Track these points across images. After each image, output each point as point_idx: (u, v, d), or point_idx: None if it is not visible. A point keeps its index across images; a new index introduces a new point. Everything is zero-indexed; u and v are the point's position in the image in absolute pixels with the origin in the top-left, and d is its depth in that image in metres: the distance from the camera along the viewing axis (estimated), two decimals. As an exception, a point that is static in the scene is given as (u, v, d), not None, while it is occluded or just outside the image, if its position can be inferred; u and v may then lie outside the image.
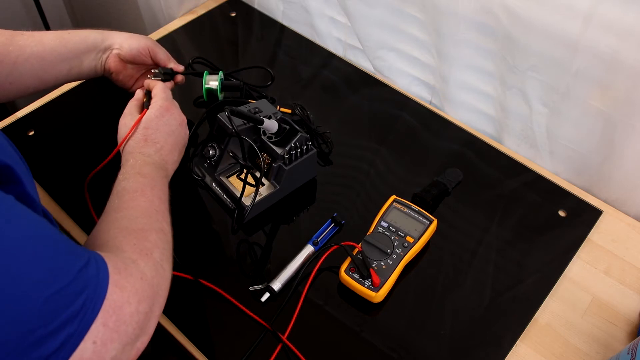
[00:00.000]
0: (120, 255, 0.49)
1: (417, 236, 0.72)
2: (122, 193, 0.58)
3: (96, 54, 0.79)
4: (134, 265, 0.48)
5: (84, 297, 0.40)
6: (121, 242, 0.51)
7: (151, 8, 1.18)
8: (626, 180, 0.79)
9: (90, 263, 0.42)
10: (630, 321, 0.70)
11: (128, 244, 0.51)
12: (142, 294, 0.47)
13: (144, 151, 0.66)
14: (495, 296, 0.71)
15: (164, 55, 0.82)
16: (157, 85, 0.75)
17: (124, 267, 0.47)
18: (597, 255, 0.76)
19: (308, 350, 0.65)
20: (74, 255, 0.42)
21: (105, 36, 0.79)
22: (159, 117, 0.70)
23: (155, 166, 0.64)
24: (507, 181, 0.84)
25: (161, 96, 0.73)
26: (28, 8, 1.46)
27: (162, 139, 0.68)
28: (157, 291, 0.50)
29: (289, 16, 1.09)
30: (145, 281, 0.48)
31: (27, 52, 0.72)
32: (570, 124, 0.80)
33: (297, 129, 0.76)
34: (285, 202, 0.80)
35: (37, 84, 0.75)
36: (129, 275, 0.46)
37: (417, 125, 0.91)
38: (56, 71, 0.76)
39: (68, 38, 0.76)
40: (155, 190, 0.60)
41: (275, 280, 0.70)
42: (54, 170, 0.82)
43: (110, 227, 0.54)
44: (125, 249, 0.50)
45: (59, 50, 0.74)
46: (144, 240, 0.53)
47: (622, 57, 0.68)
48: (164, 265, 0.53)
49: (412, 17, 0.89)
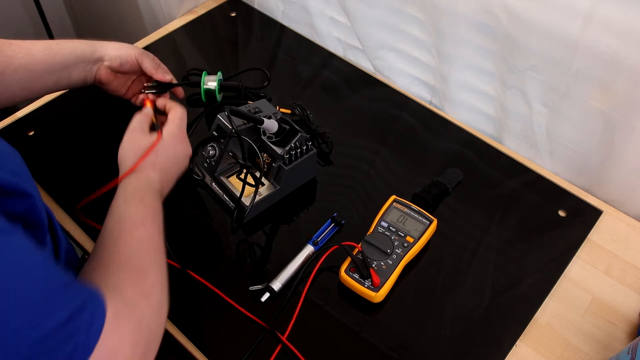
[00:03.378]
0: (121, 298, 0.48)
1: (417, 236, 0.72)
2: (122, 219, 0.56)
3: (85, 66, 0.78)
4: (133, 309, 0.47)
5: (74, 341, 0.40)
6: (120, 280, 0.50)
7: (151, 8, 1.18)
8: (626, 180, 0.79)
9: (86, 307, 0.41)
10: (630, 321, 0.70)
11: (128, 283, 0.50)
12: (139, 338, 0.46)
13: (149, 176, 0.63)
14: (495, 296, 0.71)
15: (149, 64, 0.81)
16: (177, 109, 0.72)
17: (124, 312, 0.46)
18: (597, 255, 0.76)
19: (308, 351, 0.65)
20: (69, 297, 0.41)
21: (95, 48, 0.78)
22: (172, 145, 0.68)
23: (157, 195, 0.63)
24: (507, 181, 0.84)
25: (178, 124, 0.70)
26: (28, 8, 1.46)
27: (168, 167, 0.67)
28: (154, 334, 0.49)
29: (289, 16, 1.09)
30: (143, 325, 0.47)
31: (15, 64, 0.71)
32: (570, 124, 0.80)
33: (297, 129, 0.76)
34: (285, 202, 0.80)
35: (25, 94, 0.75)
36: (127, 321, 0.46)
37: (417, 125, 0.91)
38: (44, 82, 0.75)
39: (56, 49, 0.75)
40: (155, 222, 0.59)
41: (275, 280, 0.70)
42: (54, 170, 0.82)
43: (110, 261, 0.52)
44: (125, 289, 0.49)
45: (47, 62, 0.74)
46: (143, 281, 0.52)
47: (622, 57, 0.68)
48: (161, 308, 0.52)
49: (412, 17, 0.89)
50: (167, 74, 0.82)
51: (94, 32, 1.57)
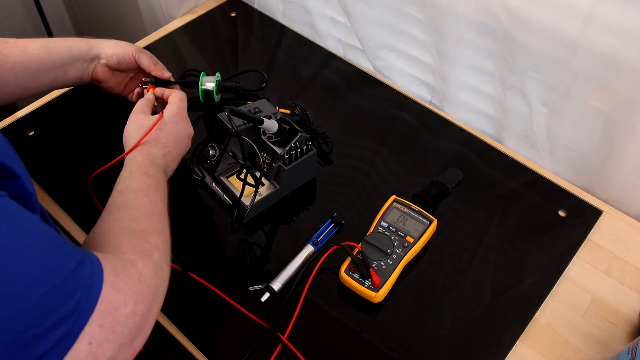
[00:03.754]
0: (119, 257, 0.49)
1: (417, 236, 0.72)
2: (126, 191, 0.59)
3: (82, 64, 0.78)
4: (133, 266, 0.48)
5: (77, 297, 0.40)
6: (121, 243, 0.51)
7: (151, 8, 1.18)
8: (626, 180, 0.79)
9: (84, 263, 0.42)
10: (630, 321, 0.70)
11: (128, 244, 0.51)
12: (140, 295, 0.47)
13: (152, 151, 0.66)
14: (495, 296, 0.71)
15: (147, 61, 0.81)
16: (177, 93, 0.75)
17: (122, 268, 0.47)
18: (597, 255, 0.76)
19: (308, 351, 0.65)
20: (67, 254, 0.42)
21: (92, 46, 0.78)
22: (174, 122, 0.70)
23: (160, 169, 0.65)
24: (507, 181, 0.84)
25: (179, 104, 0.73)
26: (28, 8, 1.46)
27: (171, 144, 0.69)
28: (155, 292, 0.50)
29: (289, 16, 1.09)
30: (143, 282, 0.48)
31: (11, 62, 0.71)
32: (570, 124, 0.80)
33: (297, 129, 0.76)
34: (285, 202, 0.80)
35: (21, 92, 0.75)
36: (126, 276, 0.46)
37: (417, 125, 0.91)
38: (40, 80, 0.75)
39: (52, 48, 0.75)
40: (159, 192, 0.61)
41: (275, 280, 0.70)
42: (54, 170, 0.82)
43: (112, 226, 0.54)
44: (124, 249, 0.50)
45: (43, 59, 0.74)
46: (144, 241, 0.53)
47: (622, 57, 0.68)
48: (162, 267, 0.53)
49: (412, 17, 0.89)
50: (165, 71, 0.82)
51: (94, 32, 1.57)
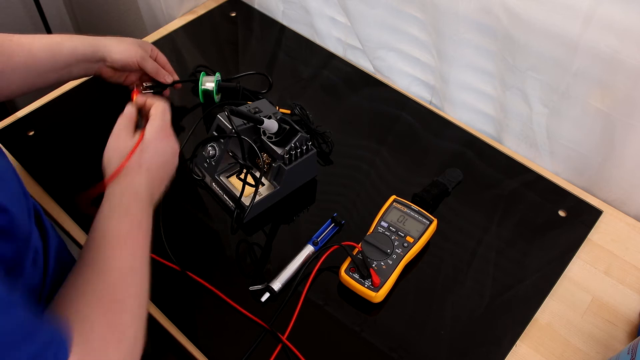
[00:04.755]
0: (90, 340, 0.45)
1: (417, 236, 0.72)
2: (105, 235, 0.53)
3: (86, 65, 0.78)
4: (102, 353, 0.45)
5: None
6: (93, 317, 0.46)
7: (151, 8, 1.18)
8: (626, 180, 0.79)
9: (49, 348, 0.39)
10: (630, 321, 0.70)
11: (101, 323, 0.46)
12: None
13: (135, 181, 0.60)
14: (495, 296, 0.71)
15: (151, 69, 0.81)
16: (158, 104, 0.68)
17: (90, 356, 0.43)
18: (597, 255, 0.76)
19: (308, 351, 0.65)
20: (32, 334, 0.38)
21: (97, 48, 0.78)
22: (158, 140, 0.64)
23: (144, 204, 0.59)
24: (507, 181, 0.84)
25: (161, 117, 0.66)
26: (28, 8, 1.46)
27: (155, 168, 0.63)
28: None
29: (289, 16, 1.09)
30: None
31: (15, 61, 0.71)
32: (570, 124, 0.80)
33: (297, 129, 0.76)
34: (285, 202, 0.80)
35: (24, 89, 0.75)
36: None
37: (417, 125, 0.91)
38: (45, 79, 0.76)
39: (57, 50, 0.75)
40: (140, 236, 0.56)
41: (275, 280, 0.70)
42: (54, 170, 0.82)
43: (86, 292, 0.48)
44: (96, 329, 0.46)
45: (47, 62, 0.74)
46: (118, 318, 0.48)
47: (622, 57, 0.68)
48: (136, 343, 0.49)
49: (412, 17, 0.89)
50: (168, 76, 0.83)
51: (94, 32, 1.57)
